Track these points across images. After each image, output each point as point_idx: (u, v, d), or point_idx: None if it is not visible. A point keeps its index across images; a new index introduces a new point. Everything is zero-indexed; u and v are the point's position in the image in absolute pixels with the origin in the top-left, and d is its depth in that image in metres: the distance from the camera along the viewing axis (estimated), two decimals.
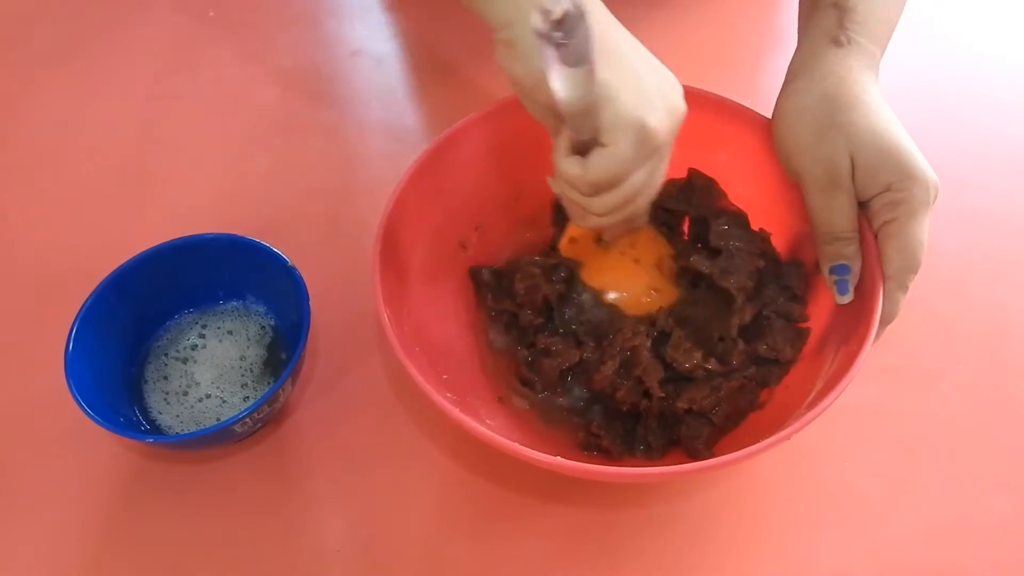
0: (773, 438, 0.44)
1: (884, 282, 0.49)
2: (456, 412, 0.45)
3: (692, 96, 0.49)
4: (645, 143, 0.45)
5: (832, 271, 0.51)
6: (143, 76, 0.79)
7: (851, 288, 0.50)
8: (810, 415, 0.44)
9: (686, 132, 0.58)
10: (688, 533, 0.52)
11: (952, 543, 0.52)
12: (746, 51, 0.80)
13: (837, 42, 0.52)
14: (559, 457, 0.44)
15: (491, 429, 0.46)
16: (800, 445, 0.52)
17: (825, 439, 0.55)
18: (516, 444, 0.44)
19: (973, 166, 0.70)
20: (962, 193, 0.68)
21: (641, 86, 0.45)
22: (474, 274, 0.59)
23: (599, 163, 0.45)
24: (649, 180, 0.47)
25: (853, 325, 0.50)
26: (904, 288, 0.50)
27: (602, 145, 0.45)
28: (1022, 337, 0.60)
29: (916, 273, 0.49)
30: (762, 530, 0.52)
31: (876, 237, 0.50)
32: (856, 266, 0.50)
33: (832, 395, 0.45)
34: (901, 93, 0.75)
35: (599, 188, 0.46)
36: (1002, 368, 0.59)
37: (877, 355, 0.59)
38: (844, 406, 0.55)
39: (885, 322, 0.49)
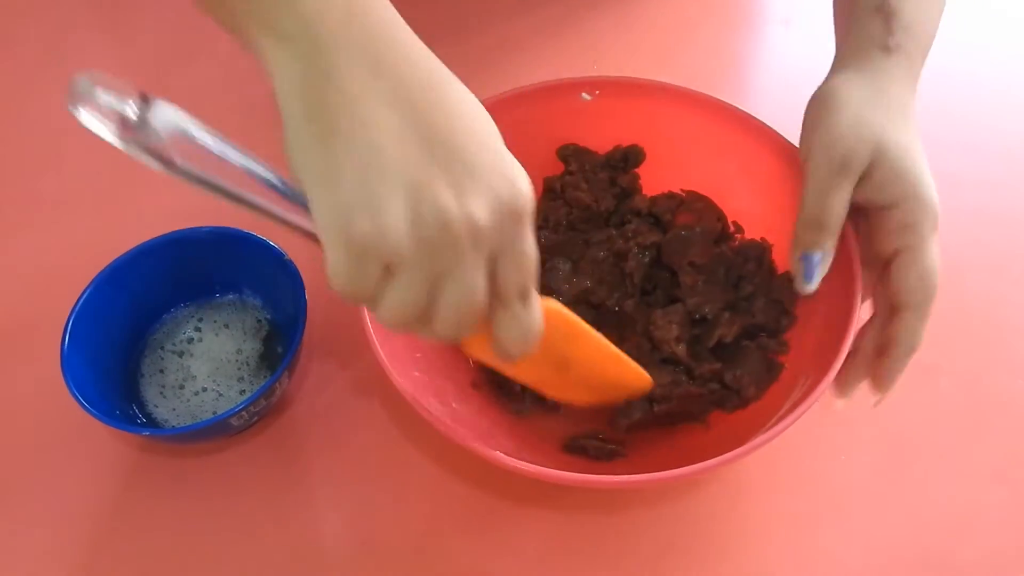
0: (759, 439, 0.44)
1: (903, 312, 0.48)
2: (417, 402, 0.45)
3: (705, 103, 0.49)
4: (364, 254, 0.33)
5: (803, 257, 0.50)
6: (137, 70, 0.79)
7: (817, 280, 0.50)
8: (789, 419, 0.45)
9: (693, 139, 0.58)
10: (683, 532, 0.52)
11: (949, 537, 0.52)
12: (704, 39, 0.80)
13: (885, 48, 0.51)
14: (534, 464, 0.44)
15: (454, 414, 0.45)
16: (795, 440, 0.52)
17: (821, 434, 0.55)
18: (489, 449, 0.44)
19: (970, 161, 0.70)
20: (958, 189, 0.68)
21: (360, 176, 0.33)
22: None
23: (328, 270, 0.35)
24: (440, 295, 0.35)
25: (831, 346, 0.49)
26: (926, 317, 0.48)
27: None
28: (1019, 332, 0.60)
29: (934, 299, 0.49)
30: (757, 526, 0.52)
31: (889, 266, 0.49)
32: (827, 262, 0.50)
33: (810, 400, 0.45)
34: None
35: (350, 299, 0.36)
36: (999, 363, 0.59)
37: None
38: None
39: (908, 353, 0.48)
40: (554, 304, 0.43)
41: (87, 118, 0.32)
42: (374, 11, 0.35)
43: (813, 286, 0.50)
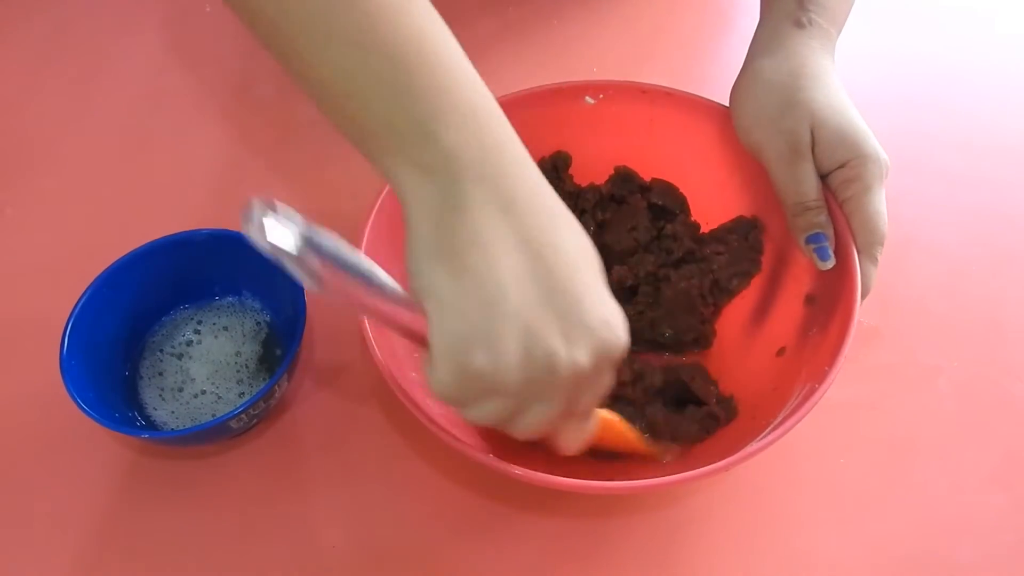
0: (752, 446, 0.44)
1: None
2: (415, 405, 0.45)
3: (708, 109, 0.50)
4: (473, 381, 0.37)
5: (809, 240, 0.52)
6: (139, 72, 0.79)
7: (831, 253, 0.51)
8: (792, 420, 0.45)
9: (696, 144, 0.59)
10: (682, 535, 0.52)
11: (948, 540, 0.52)
12: (690, 36, 0.80)
13: (798, 23, 0.55)
14: (528, 470, 0.44)
15: (451, 414, 0.46)
16: (795, 442, 0.52)
17: (821, 436, 0.55)
18: (485, 455, 0.44)
19: (969, 160, 0.70)
20: (958, 188, 0.68)
21: (483, 311, 0.36)
22: None
23: (433, 380, 0.38)
24: (527, 413, 0.39)
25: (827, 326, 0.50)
26: (874, 260, 0.52)
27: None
28: (1018, 334, 0.60)
29: (882, 244, 0.52)
30: (757, 528, 0.52)
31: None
32: (830, 232, 0.52)
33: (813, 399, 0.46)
34: (898, 87, 0.76)
35: (445, 402, 0.39)
36: (998, 365, 0.59)
37: (873, 352, 0.59)
38: (840, 403, 0.55)
39: (862, 296, 0.51)
40: (603, 412, 0.48)
41: (260, 243, 0.34)
42: (506, 149, 0.38)
43: (831, 262, 0.51)
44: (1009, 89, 0.76)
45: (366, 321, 0.48)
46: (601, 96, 0.59)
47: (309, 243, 0.35)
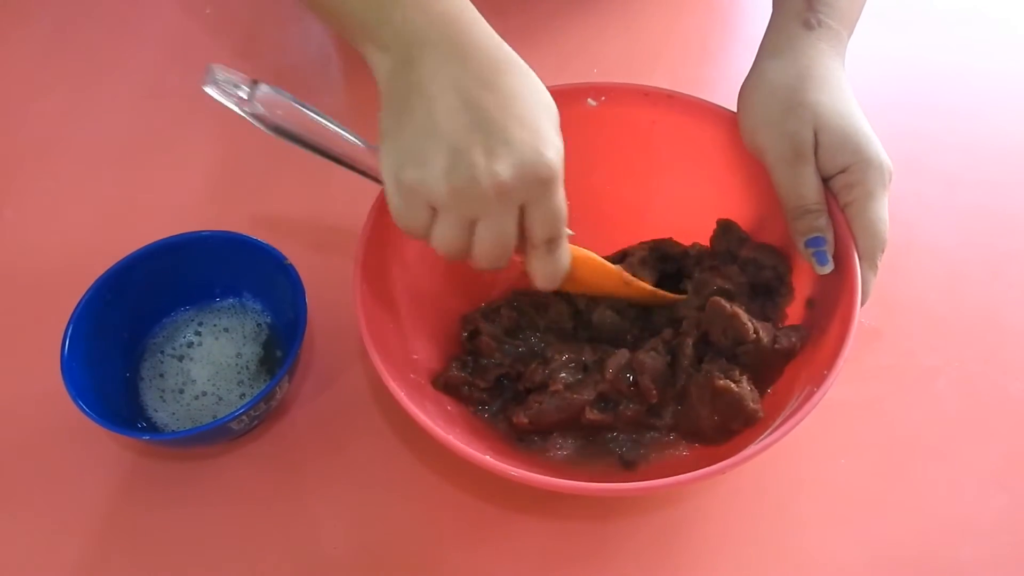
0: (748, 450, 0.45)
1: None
2: (412, 408, 0.46)
3: (711, 112, 0.52)
4: (411, 196, 0.43)
5: (808, 244, 0.52)
6: (139, 73, 0.78)
7: (830, 258, 0.51)
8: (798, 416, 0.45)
9: (698, 147, 0.58)
10: (683, 536, 0.52)
11: (948, 541, 0.52)
12: (697, 41, 0.80)
13: (807, 24, 0.54)
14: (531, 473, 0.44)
15: (448, 416, 0.47)
16: (796, 443, 0.52)
17: (821, 437, 0.55)
18: (484, 457, 0.45)
19: (969, 162, 0.70)
20: (958, 189, 0.68)
21: (416, 138, 0.42)
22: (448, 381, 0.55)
23: (389, 207, 0.45)
24: (476, 235, 0.44)
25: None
26: (874, 267, 0.52)
27: None
28: (1018, 334, 0.60)
29: (883, 251, 0.52)
30: (758, 529, 0.52)
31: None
32: (830, 236, 0.52)
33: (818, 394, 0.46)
34: (898, 87, 0.76)
35: (409, 233, 0.45)
36: (998, 366, 0.59)
37: (874, 353, 0.59)
38: (840, 403, 0.55)
39: (861, 302, 0.50)
40: (589, 253, 0.52)
41: (215, 95, 0.43)
42: (456, 15, 0.44)
43: (829, 267, 0.51)
44: (1009, 91, 0.76)
45: (363, 319, 0.48)
46: (603, 98, 0.59)
47: (263, 90, 0.43)
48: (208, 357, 0.57)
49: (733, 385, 0.50)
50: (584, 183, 0.62)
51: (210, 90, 0.42)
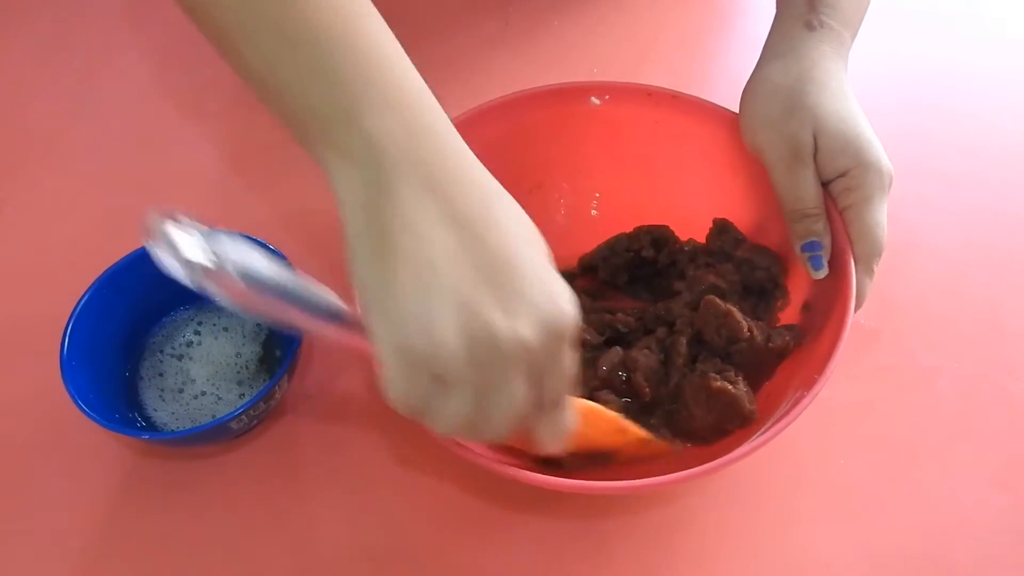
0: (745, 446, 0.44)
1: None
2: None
3: (714, 113, 0.51)
4: (419, 373, 0.36)
5: (804, 248, 0.52)
6: (139, 71, 0.79)
7: (825, 263, 0.51)
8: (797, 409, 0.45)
9: (700, 148, 0.58)
10: (681, 535, 0.52)
11: (948, 541, 0.52)
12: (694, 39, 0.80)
13: (809, 25, 0.54)
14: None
15: None
16: (795, 443, 0.52)
17: (821, 437, 0.55)
18: (483, 456, 0.45)
19: (969, 162, 0.70)
20: (958, 189, 0.68)
21: (417, 294, 0.35)
22: None
23: (385, 382, 0.37)
24: (489, 405, 0.37)
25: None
26: (870, 272, 0.51)
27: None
28: (1018, 335, 0.60)
29: (880, 256, 0.51)
30: (757, 528, 0.52)
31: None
32: (827, 241, 0.52)
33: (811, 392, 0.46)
34: (898, 87, 0.76)
35: (406, 411, 0.38)
36: (998, 366, 0.59)
37: (873, 353, 0.59)
38: (840, 404, 0.55)
39: (856, 307, 0.50)
40: (588, 404, 0.48)
41: (163, 260, 0.34)
42: (434, 131, 0.37)
43: (824, 271, 0.52)
44: (1009, 91, 0.76)
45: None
46: (607, 97, 0.59)
47: (226, 258, 0.35)
48: (207, 357, 0.57)
49: (730, 387, 0.50)
50: (586, 182, 0.62)
51: (157, 253, 0.34)
